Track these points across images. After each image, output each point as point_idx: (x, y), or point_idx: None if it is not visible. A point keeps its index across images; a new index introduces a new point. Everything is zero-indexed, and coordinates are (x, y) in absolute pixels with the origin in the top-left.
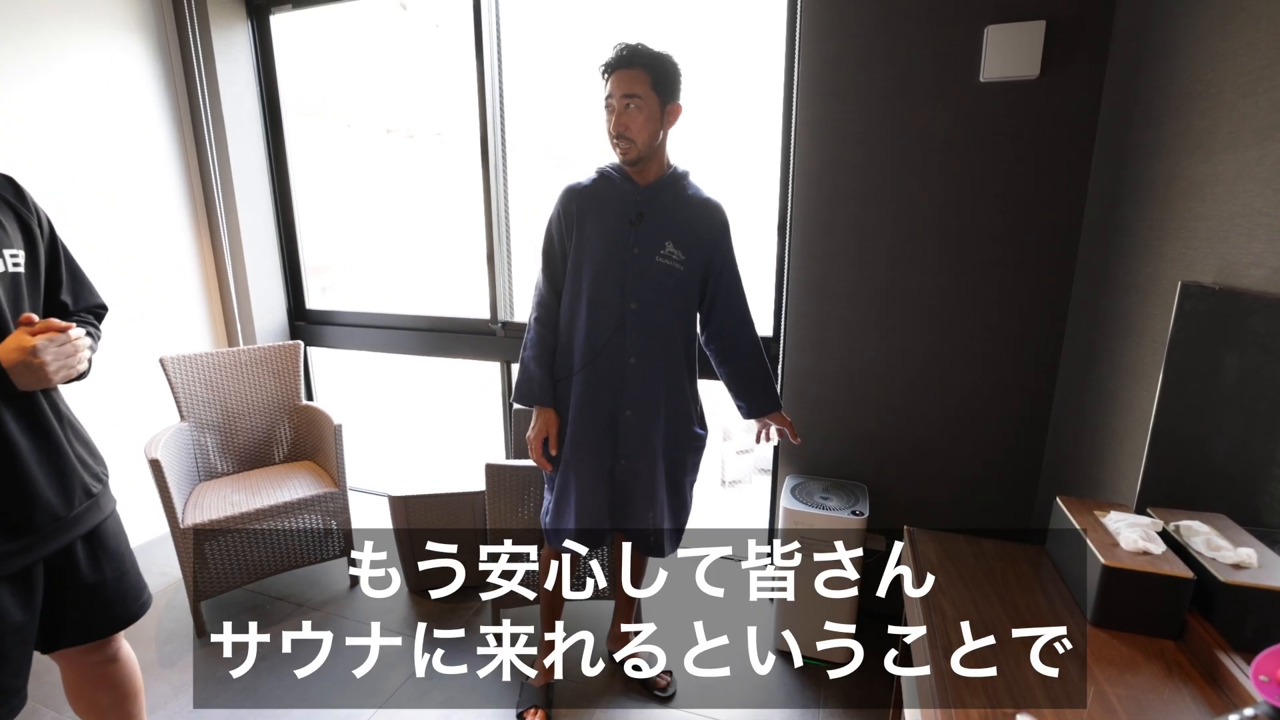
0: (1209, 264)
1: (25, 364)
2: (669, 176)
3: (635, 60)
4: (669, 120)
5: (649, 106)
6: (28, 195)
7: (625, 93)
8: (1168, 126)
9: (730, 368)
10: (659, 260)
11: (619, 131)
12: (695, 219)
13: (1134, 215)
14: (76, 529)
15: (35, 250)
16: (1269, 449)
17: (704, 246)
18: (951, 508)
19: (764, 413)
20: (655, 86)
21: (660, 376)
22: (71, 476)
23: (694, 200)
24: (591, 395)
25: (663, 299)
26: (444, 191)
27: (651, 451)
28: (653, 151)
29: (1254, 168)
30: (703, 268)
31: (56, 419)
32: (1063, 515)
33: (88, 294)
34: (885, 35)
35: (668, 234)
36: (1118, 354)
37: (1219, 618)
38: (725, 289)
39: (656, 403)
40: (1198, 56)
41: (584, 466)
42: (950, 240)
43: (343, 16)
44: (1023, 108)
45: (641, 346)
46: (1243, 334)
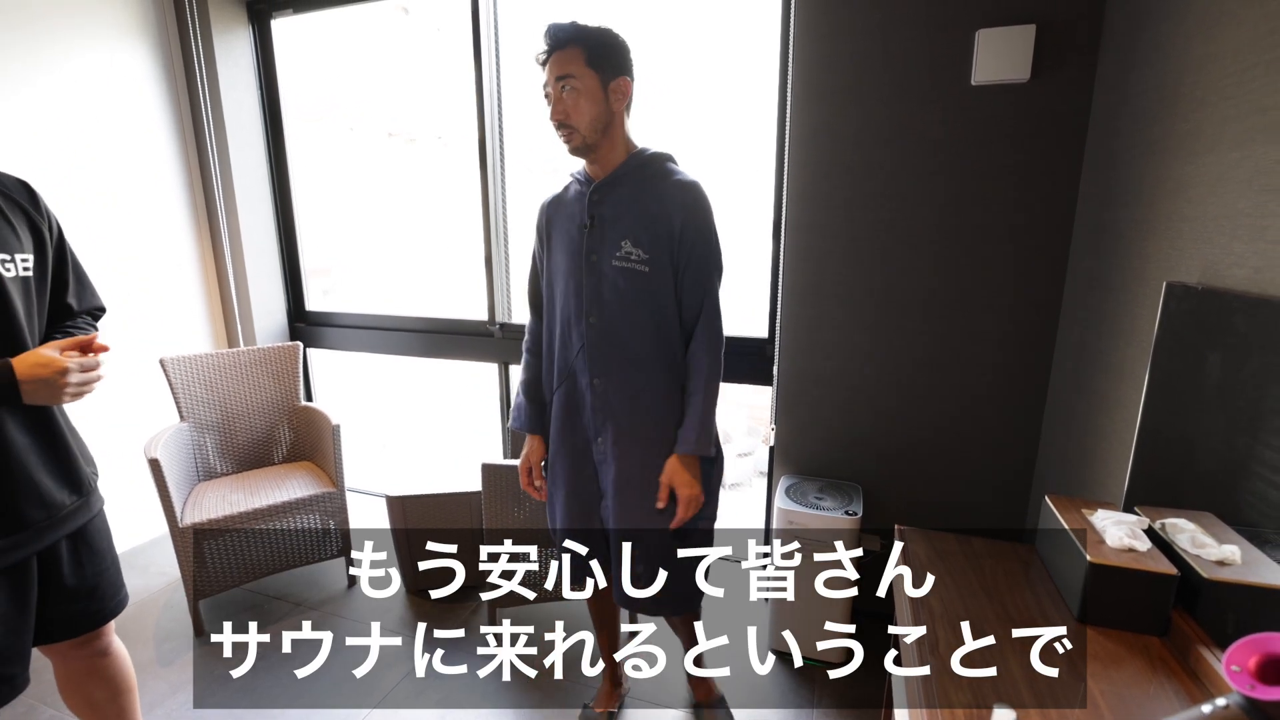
0: (1194, 264)
1: (47, 382)
2: (628, 163)
3: (563, 39)
4: (616, 98)
5: (587, 85)
6: (41, 200)
7: (558, 75)
8: (1154, 128)
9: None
10: (615, 264)
11: (557, 119)
12: (660, 208)
13: (1122, 216)
14: (66, 526)
15: (44, 254)
16: (1251, 447)
17: (670, 238)
18: (946, 508)
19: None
20: (591, 62)
21: (630, 398)
22: (70, 474)
23: (660, 186)
24: (566, 420)
25: (624, 308)
26: (446, 194)
27: (632, 482)
28: (602, 138)
29: (1235, 169)
30: (673, 263)
31: (61, 416)
32: (1051, 513)
33: (90, 296)
34: (879, 39)
35: (625, 231)
36: (1106, 354)
37: (1203, 614)
38: (688, 288)
39: (632, 428)
40: (1183, 60)
41: (567, 498)
42: (943, 242)
43: (344, 20)
44: (1014, 110)
45: (603, 366)
46: (1225, 333)
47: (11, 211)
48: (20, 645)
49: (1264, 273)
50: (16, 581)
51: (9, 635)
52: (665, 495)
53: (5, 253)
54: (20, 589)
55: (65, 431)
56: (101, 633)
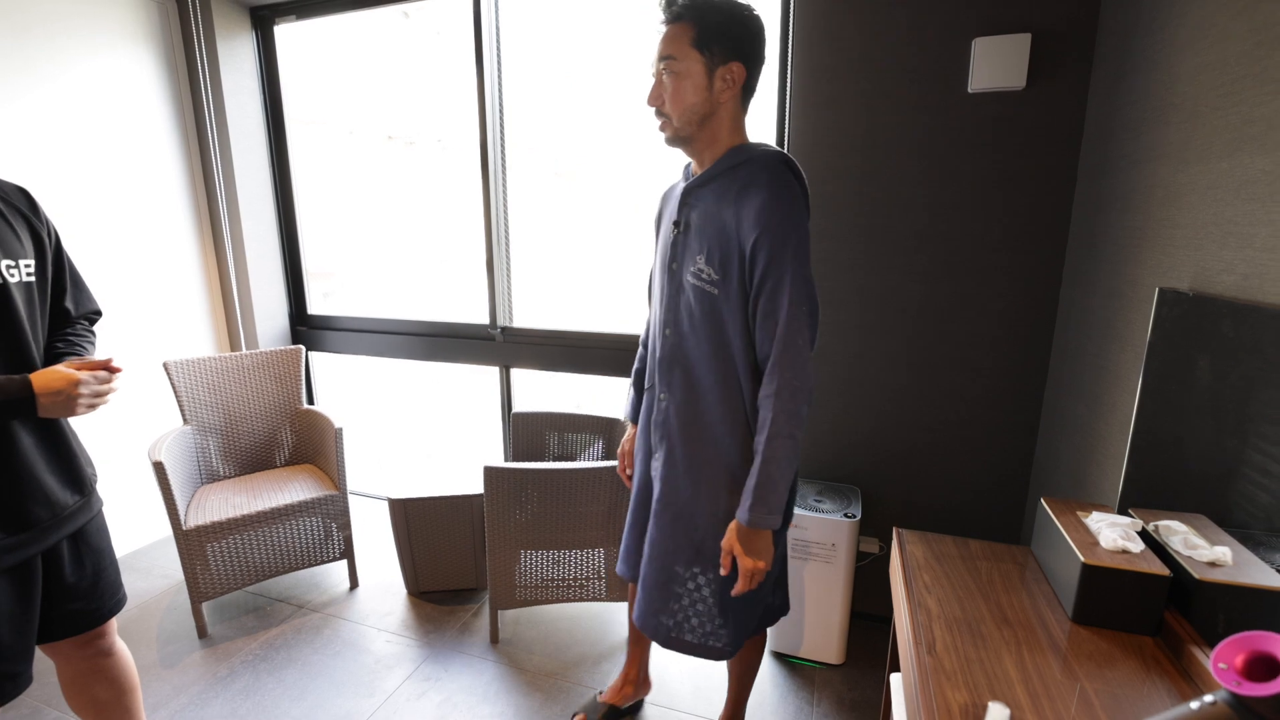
0: (1185, 270)
1: (63, 394)
2: (721, 162)
3: (676, 11)
4: (723, 86)
5: (690, 69)
6: (39, 207)
7: (661, 54)
8: (1147, 137)
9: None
10: (690, 279)
11: (653, 104)
12: (736, 222)
13: (1116, 222)
14: (69, 525)
15: (44, 259)
16: (1240, 450)
17: (741, 259)
18: (944, 510)
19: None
20: (699, 43)
21: (686, 423)
22: (72, 475)
23: (745, 194)
24: (645, 421)
25: (693, 328)
26: (445, 196)
27: (667, 513)
28: (699, 130)
29: (1225, 178)
30: (743, 288)
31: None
32: (1046, 516)
33: (86, 300)
34: (877, 46)
35: (703, 244)
36: (1101, 358)
37: (1194, 614)
38: (760, 322)
39: (684, 456)
40: (1174, 71)
41: (636, 493)
42: (940, 247)
43: (345, 25)
44: (1010, 118)
45: (669, 382)
46: (1215, 338)
47: (13, 217)
48: (25, 643)
49: (1251, 279)
50: (22, 580)
51: (14, 634)
52: (727, 563)
53: (9, 258)
54: (25, 587)
55: (68, 433)
56: (104, 632)
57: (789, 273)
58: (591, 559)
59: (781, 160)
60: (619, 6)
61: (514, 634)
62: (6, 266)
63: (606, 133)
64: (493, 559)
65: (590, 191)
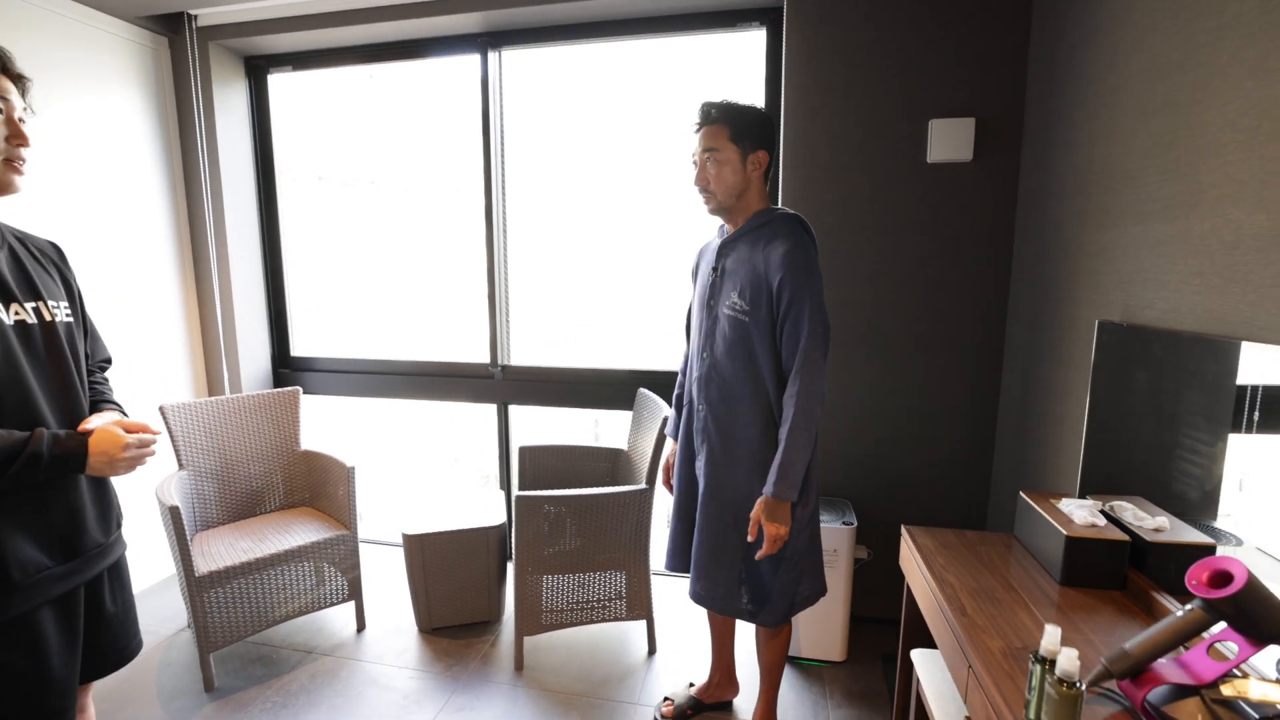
0: (1116, 306)
1: (110, 457)
2: (750, 223)
3: (713, 116)
4: (754, 168)
5: (729, 158)
6: (68, 259)
7: (705, 147)
8: (1072, 203)
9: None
10: (725, 310)
11: (700, 185)
12: (765, 267)
13: (1055, 271)
14: (107, 559)
15: (75, 306)
16: (1168, 445)
17: (770, 294)
18: (921, 514)
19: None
20: (735, 138)
21: (724, 429)
22: (110, 506)
23: (769, 246)
24: (686, 432)
25: (728, 350)
26: (442, 243)
27: (713, 500)
28: (737, 201)
29: (1139, 240)
30: (770, 315)
31: None
32: (1027, 505)
33: (100, 349)
34: (852, 122)
35: (736, 284)
36: (1051, 380)
37: (1149, 568)
38: (785, 342)
39: (723, 454)
40: (1089, 155)
41: (679, 496)
42: (911, 293)
43: (342, 74)
44: (961, 184)
45: (708, 396)
46: (1146, 358)
47: (49, 267)
48: (71, 678)
49: (1168, 314)
50: (68, 612)
51: (62, 667)
52: (754, 531)
53: (53, 300)
54: (71, 620)
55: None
56: (86, 688)
57: (808, 303)
58: (614, 580)
59: (798, 219)
60: (610, 79)
61: (536, 660)
62: (50, 306)
63: (606, 190)
64: (519, 586)
65: (589, 236)
